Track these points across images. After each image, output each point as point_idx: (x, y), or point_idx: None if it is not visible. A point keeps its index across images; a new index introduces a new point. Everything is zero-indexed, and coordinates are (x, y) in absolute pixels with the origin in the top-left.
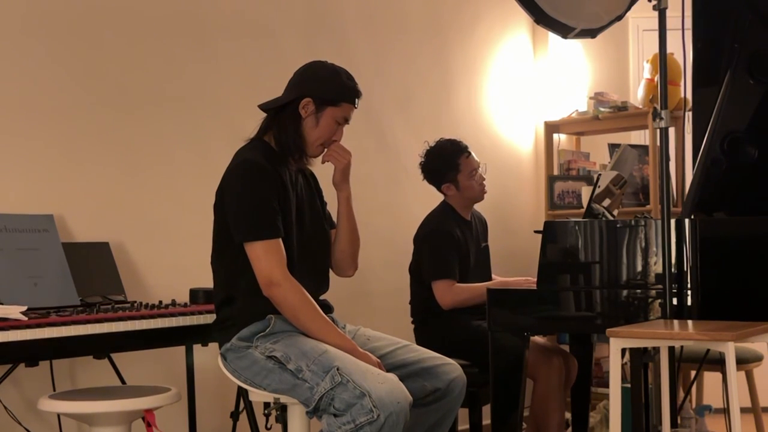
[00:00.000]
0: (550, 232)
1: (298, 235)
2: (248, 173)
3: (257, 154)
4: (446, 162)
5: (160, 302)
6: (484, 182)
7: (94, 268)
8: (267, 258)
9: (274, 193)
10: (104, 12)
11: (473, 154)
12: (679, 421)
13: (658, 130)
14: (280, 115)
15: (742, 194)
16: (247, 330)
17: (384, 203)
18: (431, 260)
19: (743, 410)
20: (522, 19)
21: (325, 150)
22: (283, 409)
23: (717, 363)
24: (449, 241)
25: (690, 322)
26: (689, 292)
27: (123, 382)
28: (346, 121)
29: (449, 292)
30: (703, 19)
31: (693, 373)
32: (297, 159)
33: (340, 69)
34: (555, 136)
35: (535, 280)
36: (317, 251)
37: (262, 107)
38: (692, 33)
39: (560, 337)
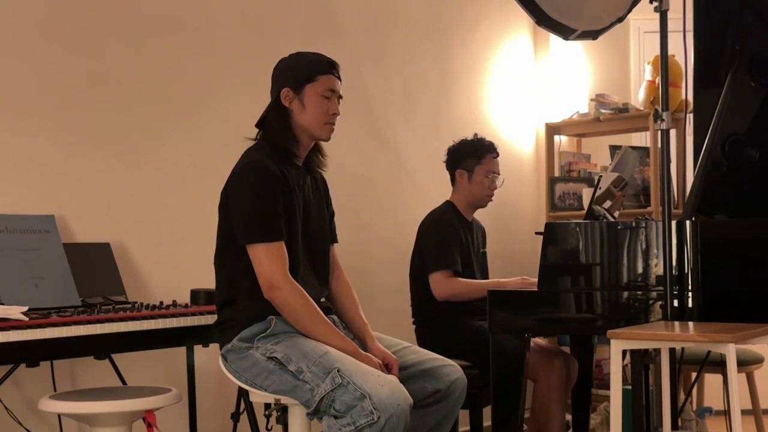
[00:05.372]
0: (551, 233)
1: (303, 237)
2: (253, 175)
3: (263, 155)
4: (473, 150)
5: (161, 303)
6: (494, 190)
7: (95, 268)
8: (269, 260)
9: (279, 196)
10: (105, 12)
11: (499, 162)
12: (679, 423)
13: (659, 132)
14: (269, 116)
15: (743, 196)
16: (248, 331)
17: (384, 204)
18: (432, 250)
19: (744, 412)
20: (523, 21)
21: (333, 128)
22: (283, 410)
23: (718, 365)
24: (451, 233)
25: (691, 324)
26: (690, 294)
27: (124, 382)
28: (333, 92)
29: (444, 283)
30: (705, 21)
31: (694, 374)
32: (295, 153)
33: (306, 52)
34: (556, 137)
35: (531, 279)
36: (322, 254)
37: (258, 124)
38: (693, 35)
39: (561, 339)
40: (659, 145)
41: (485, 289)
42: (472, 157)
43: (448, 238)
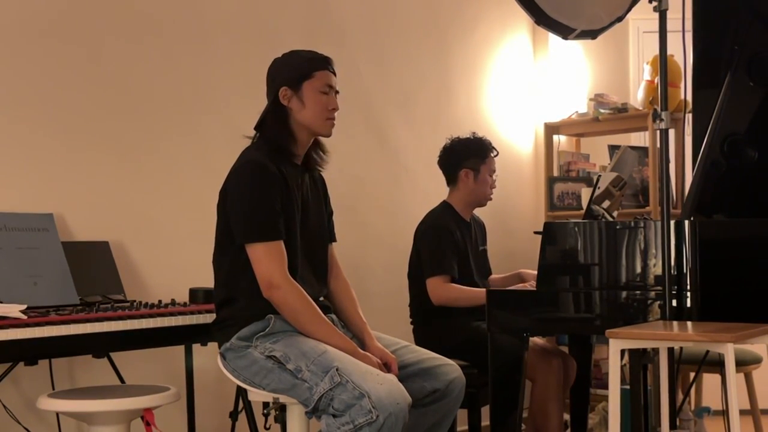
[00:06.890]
0: (550, 233)
1: (302, 236)
2: (251, 174)
3: (262, 154)
4: (477, 149)
5: (160, 302)
6: (493, 189)
7: (93, 267)
8: (268, 260)
9: (278, 195)
10: (105, 12)
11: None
12: (678, 423)
13: (658, 132)
14: (268, 117)
15: (741, 196)
16: (247, 330)
17: (383, 203)
18: (429, 255)
19: (742, 412)
20: (522, 20)
21: (333, 123)
22: (282, 409)
23: (716, 365)
24: (448, 238)
25: (689, 324)
26: (689, 294)
27: (122, 381)
28: (331, 88)
29: (441, 289)
30: (704, 21)
31: (692, 374)
32: (293, 152)
33: (299, 50)
34: (555, 137)
35: (526, 271)
36: (320, 253)
37: (257, 126)
38: (692, 35)
39: (559, 338)
40: (658, 145)
41: (482, 297)
42: (477, 156)
43: (444, 243)
